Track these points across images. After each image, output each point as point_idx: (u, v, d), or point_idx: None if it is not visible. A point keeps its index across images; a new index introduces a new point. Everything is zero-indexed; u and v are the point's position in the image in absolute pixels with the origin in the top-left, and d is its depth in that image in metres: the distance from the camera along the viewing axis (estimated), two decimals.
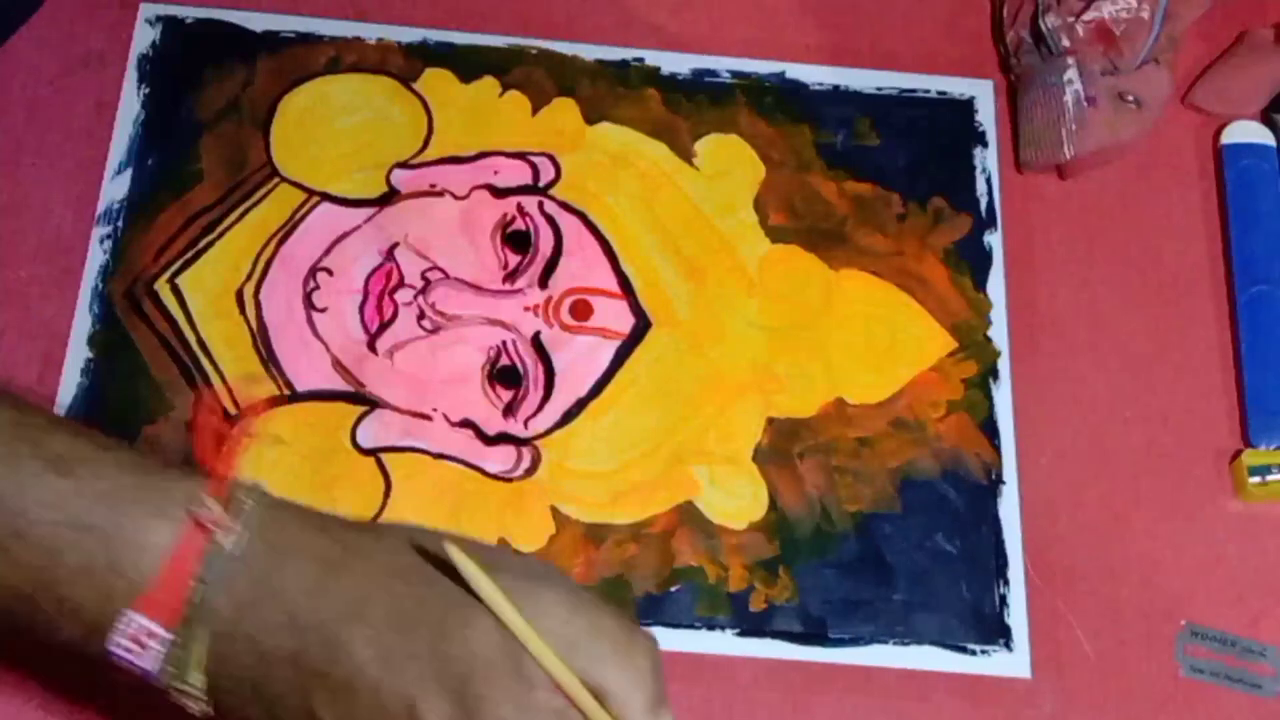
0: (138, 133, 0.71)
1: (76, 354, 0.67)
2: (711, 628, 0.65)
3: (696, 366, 0.70)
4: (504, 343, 0.69)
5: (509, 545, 0.60)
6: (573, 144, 0.73)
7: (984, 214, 0.74)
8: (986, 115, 0.76)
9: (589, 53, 0.75)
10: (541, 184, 0.72)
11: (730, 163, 0.74)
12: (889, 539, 0.67)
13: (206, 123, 0.72)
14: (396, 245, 0.70)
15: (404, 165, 0.72)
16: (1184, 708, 0.65)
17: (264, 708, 0.44)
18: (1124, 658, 0.66)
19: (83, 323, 0.68)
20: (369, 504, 0.65)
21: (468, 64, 0.74)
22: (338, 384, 0.67)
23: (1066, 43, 0.73)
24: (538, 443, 0.67)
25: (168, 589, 0.43)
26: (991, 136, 0.75)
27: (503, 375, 0.68)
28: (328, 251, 0.70)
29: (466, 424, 0.67)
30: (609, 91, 0.75)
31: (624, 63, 0.75)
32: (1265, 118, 0.76)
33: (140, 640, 0.44)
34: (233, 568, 0.44)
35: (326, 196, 0.71)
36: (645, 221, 0.72)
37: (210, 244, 0.69)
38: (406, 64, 0.74)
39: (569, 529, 0.66)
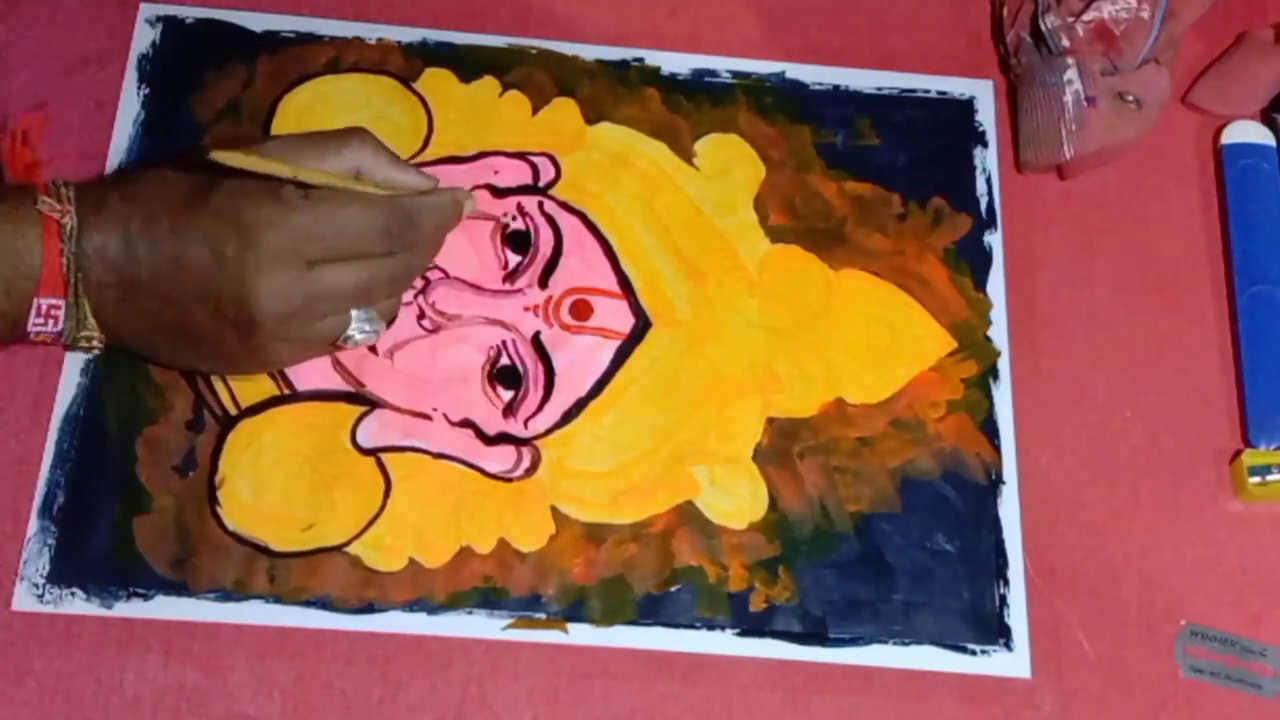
0: (138, 133, 0.71)
1: (76, 354, 0.67)
2: (711, 628, 0.65)
3: (696, 366, 0.70)
4: (504, 343, 0.69)
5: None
6: (573, 144, 0.73)
7: (984, 214, 0.74)
8: (986, 115, 0.76)
9: (589, 53, 0.75)
10: (541, 184, 0.72)
11: (730, 163, 0.74)
12: (889, 539, 0.67)
13: (206, 123, 0.72)
14: None
15: None
16: (1184, 708, 0.65)
17: (150, 321, 0.60)
18: (1124, 658, 0.66)
19: None
20: (369, 504, 0.65)
21: (468, 64, 0.74)
22: (338, 384, 0.67)
23: (1066, 43, 0.73)
24: (538, 443, 0.67)
25: (51, 269, 0.58)
26: (991, 136, 0.75)
27: (503, 375, 0.68)
28: None
29: (466, 424, 0.67)
30: (609, 91, 0.75)
31: (624, 63, 0.75)
32: (1265, 118, 0.76)
33: (48, 314, 0.59)
34: (86, 238, 0.58)
35: None
36: (645, 221, 0.72)
37: None
38: (406, 64, 0.74)
39: (569, 529, 0.66)
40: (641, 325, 0.70)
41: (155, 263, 0.58)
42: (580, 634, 0.64)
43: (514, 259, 0.71)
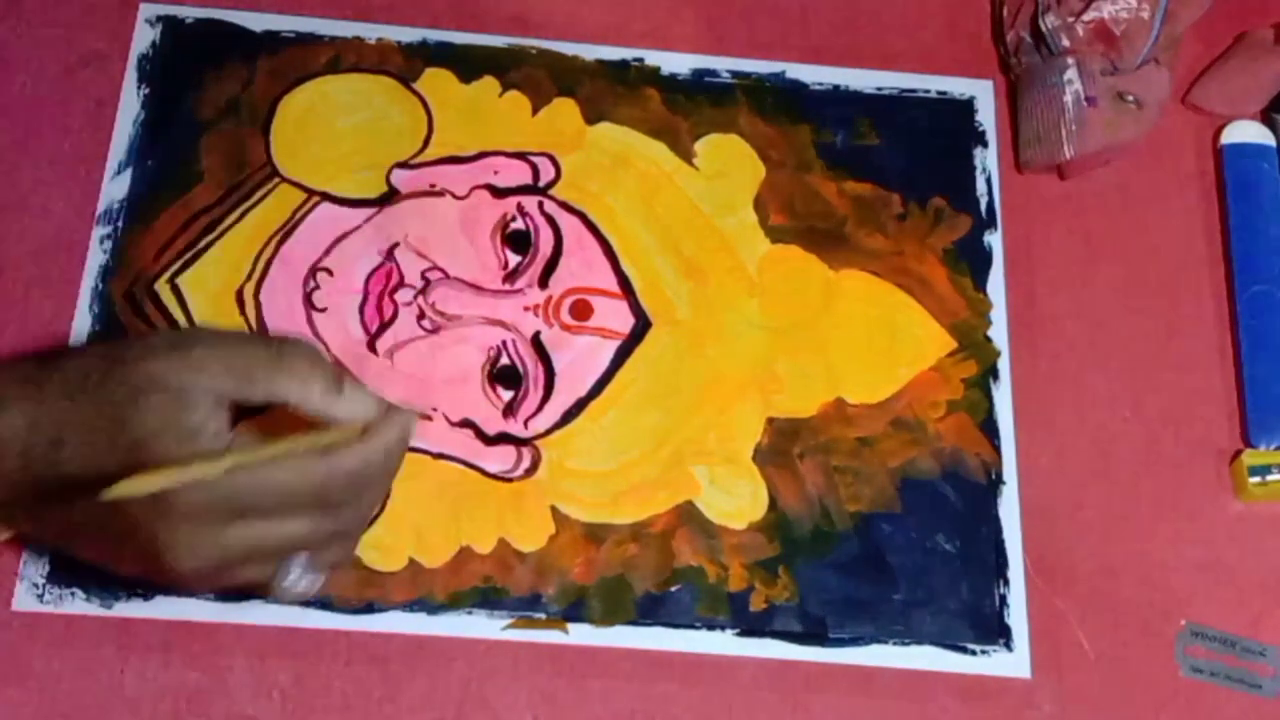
0: (138, 133, 0.71)
1: None
2: (711, 628, 0.65)
3: (696, 366, 0.70)
4: (504, 343, 0.69)
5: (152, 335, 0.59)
6: (573, 144, 0.73)
7: (984, 214, 0.74)
8: (986, 115, 0.76)
9: (589, 53, 0.75)
10: (541, 184, 0.72)
11: (730, 163, 0.74)
12: (889, 539, 0.67)
13: (206, 123, 0.72)
14: (396, 245, 0.70)
15: (404, 165, 0.72)
16: (1184, 708, 0.65)
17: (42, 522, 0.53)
18: (1124, 658, 0.66)
19: (83, 323, 0.68)
20: None
21: (468, 64, 0.74)
22: None
23: (1066, 43, 0.73)
24: (538, 443, 0.67)
25: None
26: (991, 136, 0.75)
27: (503, 375, 0.68)
28: (328, 251, 0.70)
29: (466, 424, 0.67)
30: (609, 91, 0.75)
31: (624, 63, 0.75)
32: (1265, 118, 0.76)
33: None
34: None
35: (326, 196, 0.71)
36: (645, 221, 0.72)
37: (210, 244, 0.69)
38: (406, 64, 0.74)
39: (569, 529, 0.66)
40: (641, 325, 0.70)
41: (60, 492, 0.50)
42: (580, 634, 0.64)
43: (514, 259, 0.71)
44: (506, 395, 0.68)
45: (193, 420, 0.49)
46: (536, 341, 0.69)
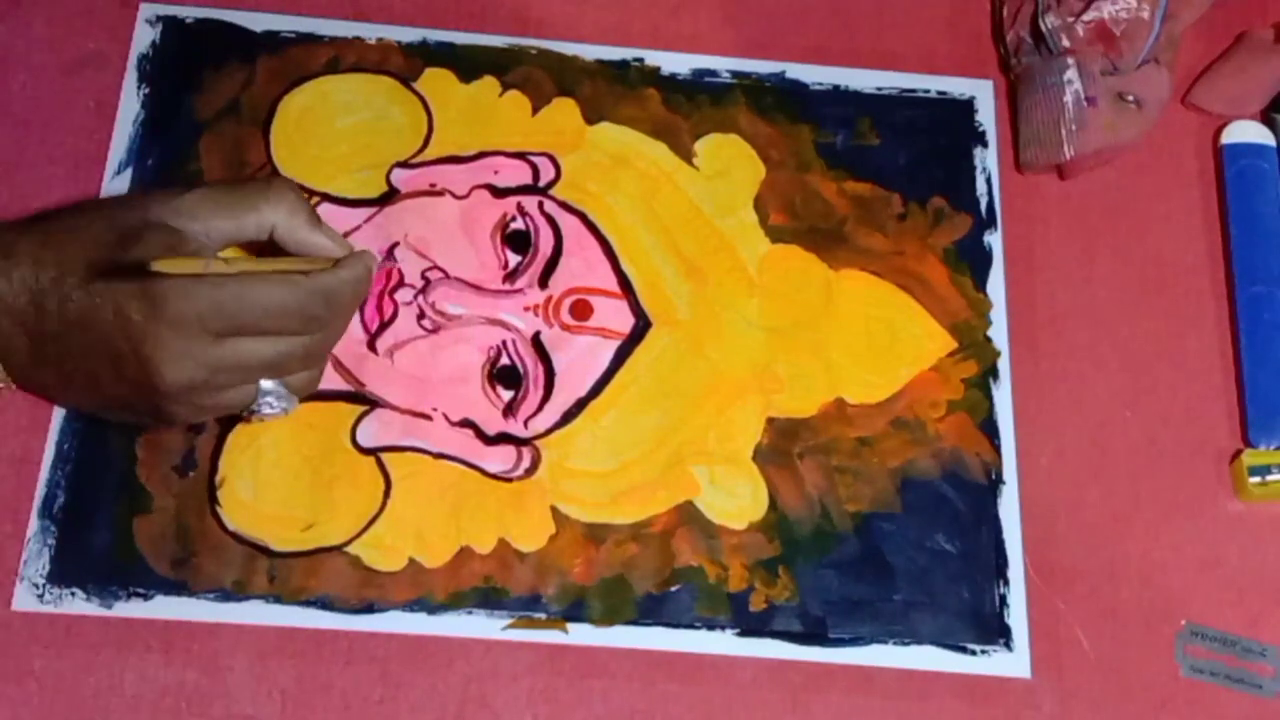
0: (138, 133, 0.71)
1: None
2: (711, 628, 0.65)
3: (696, 366, 0.70)
4: (504, 343, 0.69)
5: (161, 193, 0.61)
6: (573, 144, 0.73)
7: (984, 214, 0.74)
8: (986, 115, 0.76)
9: (589, 53, 0.75)
10: (541, 184, 0.72)
11: (730, 163, 0.74)
12: (889, 539, 0.67)
13: (206, 123, 0.72)
14: (396, 245, 0.70)
15: (404, 165, 0.72)
16: (1184, 708, 0.65)
17: (56, 373, 0.58)
18: (1124, 658, 0.66)
19: None
20: (369, 504, 0.65)
21: (468, 64, 0.74)
22: (338, 384, 0.67)
23: (1066, 43, 0.73)
24: (538, 443, 0.67)
25: None
26: (991, 136, 0.75)
27: (503, 375, 0.68)
28: None
29: (466, 424, 0.67)
30: (609, 91, 0.75)
31: (624, 63, 0.75)
32: (1265, 118, 0.76)
33: None
34: None
35: (326, 196, 0.71)
36: (645, 221, 0.72)
37: None
38: (406, 64, 0.74)
39: (569, 529, 0.66)
40: (641, 325, 0.70)
41: (62, 317, 0.56)
42: (580, 634, 0.64)
43: (514, 259, 0.71)
44: (506, 395, 0.68)
45: (188, 251, 0.57)
46: (536, 341, 0.69)
